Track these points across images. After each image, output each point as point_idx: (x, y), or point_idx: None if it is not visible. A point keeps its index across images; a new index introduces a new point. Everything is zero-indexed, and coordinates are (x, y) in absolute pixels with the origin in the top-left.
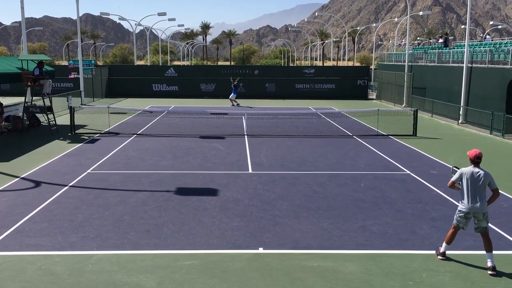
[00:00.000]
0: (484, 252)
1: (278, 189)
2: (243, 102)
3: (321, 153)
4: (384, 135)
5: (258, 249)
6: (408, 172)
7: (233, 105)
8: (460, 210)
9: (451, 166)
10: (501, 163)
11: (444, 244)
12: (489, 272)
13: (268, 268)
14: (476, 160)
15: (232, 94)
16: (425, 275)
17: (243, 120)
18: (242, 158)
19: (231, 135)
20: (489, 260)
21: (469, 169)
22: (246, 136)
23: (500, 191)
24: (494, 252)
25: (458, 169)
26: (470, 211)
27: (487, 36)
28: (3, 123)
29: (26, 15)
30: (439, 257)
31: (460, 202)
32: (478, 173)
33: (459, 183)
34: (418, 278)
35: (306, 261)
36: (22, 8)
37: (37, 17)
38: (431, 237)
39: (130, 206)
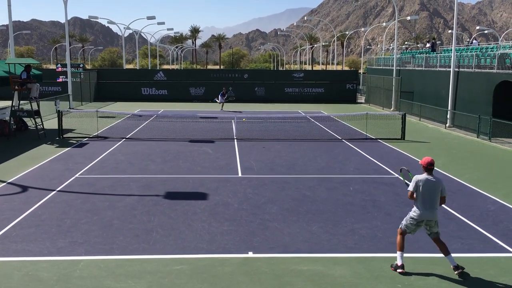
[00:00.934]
0: (471, 254)
1: (268, 193)
2: (232, 106)
3: (310, 157)
4: (372, 138)
5: (247, 253)
6: (397, 175)
7: (222, 109)
8: (412, 217)
9: (404, 169)
10: (488, 166)
11: (398, 254)
12: (456, 272)
13: (257, 272)
14: (429, 167)
15: (220, 98)
16: (413, 278)
17: (233, 124)
18: (231, 162)
19: (220, 139)
20: (450, 262)
21: (423, 176)
22: (235, 140)
23: (487, 194)
24: (481, 254)
25: (407, 170)
26: (423, 219)
27: (474, 41)
28: None
29: (14, 18)
30: (398, 270)
31: (413, 209)
32: (433, 181)
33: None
34: (406, 281)
35: (296, 265)
36: (10, 11)
37: (25, 21)
38: (419, 240)
39: (119, 210)
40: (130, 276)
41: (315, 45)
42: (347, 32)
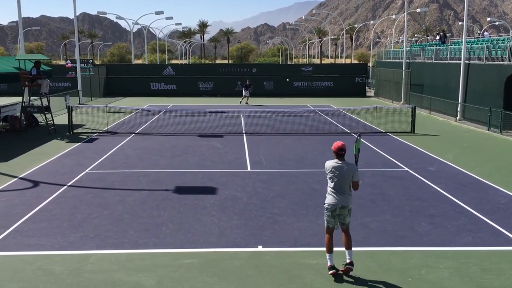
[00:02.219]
0: (482, 248)
1: (277, 187)
2: (252, 100)
3: (319, 150)
4: (382, 132)
5: (257, 247)
6: (406, 169)
7: (247, 103)
8: (326, 208)
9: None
10: (499, 159)
11: (328, 256)
12: (344, 267)
13: (267, 266)
14: (339, 153)
15: (244, 91)
16: (423, 272)
17: (242, 119)
18: (240, 156)
19: (229, 133)
20: (349, 256)
21: (332, 161)
22: (244, 134)
23: (498, 187)
24: (492, 248)
25: (359, 138)
26: (336, 206)
27: (485, 33)
28: (1, 123)
29: (23, 15)
30: (331, 271)
31: (326, 199)
32: (342, 166)
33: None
34: (416, 274)
35: (305, 259)
36: (19, 8)
37: (34, 17)
38: (429, 233)
39: (129, 205)
40: (140, 270)
41: (324, 39)
42: (356, 25)
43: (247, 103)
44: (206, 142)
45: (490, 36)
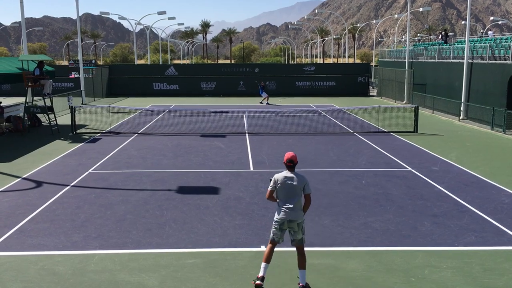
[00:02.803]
0: (485, 248)
1: None
2: (244, 100)
3: (322, 150)
4: (385, 132)
5: (260, 247)
6: (410, 168)
7: (268, 103)
8: (275, 221)
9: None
10: (502, 158)
11: (263, 265)
12: (262, 276)
13: (270, 266)
14: (288, 164)
15: (262, 93)
16: (427, 272)
17: (244, 118)
18: (243, 156)
19: (232, 133)
20: (300, 277)
21: (282, 174)
22: (247, 134)
23: (501, 186)
24: (496, 247)
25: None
26: (284, 220)
27: (489, 32)
28: (4, 123)
29: (26, 15)
30: (257, 282)
31: (276, 212)
32: (292, 178)
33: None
34: (420, 274)
35: (308, 259)
36: (22, 8)
37: (37, 17)
38: (432, 233)
39: (132, 205)
40: (143, 270)
41: (326, 38)
42: (358, 25)
43: (268, 103)
44: (209, 142)
45: (494, 35)
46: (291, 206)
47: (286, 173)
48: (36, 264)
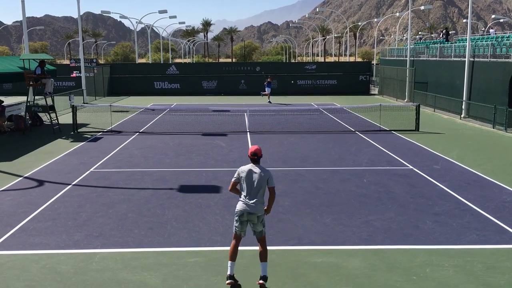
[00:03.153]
0: (487, 246)
1: (281, 185)
2: (246, 99)
3: (323, 149)
4: (386, 130)
5: None
6: (411, 167)
7: (269, 101)
8: (235, 212)
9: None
10: (504, 157)
11: (229, 263)
12: (258, 282)
13: (271, 265)
14: (252, 157)
15: (267, 89)
16: (428, 270)
17: (245, 117)
18: (244, 155)
19: (233, 132)
20: (262, 269)
21: (246, 167)
22: (248, 133)
23: (503, 185)
24: (497, 246)
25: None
26: (243, 212)
27: (491, 30)
28: (6, 122)
29: (27, 15)
30: (227, 281)
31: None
32: (255, 171)
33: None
34: (421, 273)
35: (310, 257)
36: (23, 7)
37: (38, 16)
38: (434, 232)
39: (133, 204)
40: (145, 269)
41: (328, 37)
42: (359, 23)
43: (269, 101)
44: (210, 140)
45: (496, 33)
46: (252, 199)
47: (251, 166)
48: (38, 263)
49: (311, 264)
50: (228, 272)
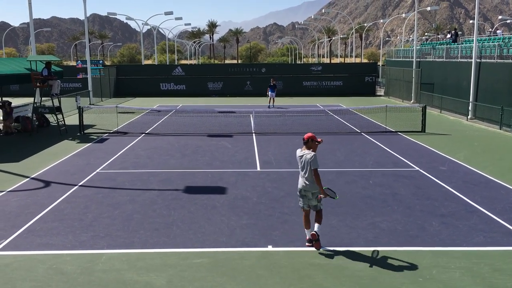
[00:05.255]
0: (494, 248)
1: (287, 186)
2: (251, 100)
3: (329, 150)
4: (392, 131)
5: (267, 247)
6: (417, 168)
7: (272, 105)
8: (298, 190)
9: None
10: (511, 158)
11: (306, 231)
12: (312, 232)
13: (277, 266)
14: (304, 142)
15: (270, 92)
16: (435, 272)
17: (251, 118)
18: (250, 156)
19: (239, 133)
20: (316, 227)
21: (299, 150)
22: (254, 134)
23: (510, 186)
24: (505, 248)
25: (329, 189)
26: (302, 189)
27: (498, 31)
28: (13, 123)
29: (34, 16)
30: (307, 244)
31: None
32: (304, 154)
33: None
34: (428, 275)
35: (315, 259)
36: (30, 9)
37: (45, 18)
38: (440, 233)
39: (139, 205)
40: (151, 269)
41: (333, 38)
42: (365, 24)
43: (273, 105)
44: (216, 142)
45: (502, 34)
46: (305, 178)
47: (303, 150)
48: (45, 263)
49: (316, 265)
50: (308, 237)
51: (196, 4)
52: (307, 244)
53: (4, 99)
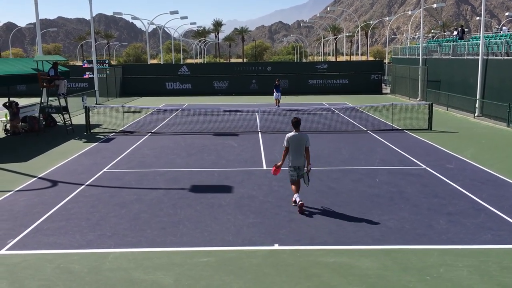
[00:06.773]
0: (502, 246)
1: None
2: (257, 99)
3: (335, 148)
4: (399, 129)
5: (273, 246)
6: (424, 166)
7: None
8: (289, 167)
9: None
10: None
11: (295, 195)
12: (295, 199)
13: (284, 265)
14: (294, 125)
15: (275, 93)
16: (442, 270)
17: (257, 117)
18: (256, 154)
19: (244, 132)
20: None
21: (292, 133)
22: (260, 132)
23: None
24: (508, 246)
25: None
26: (295, 165)
27: (504, 28)
28: (20, 123)
29: (40, 17)
30: (299, 204)
31: (288, 160)
32: (297, 135)
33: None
34: (435, 273)
35: (322, 257)
36: (37, 10)
37: (51, 18)
38: (448, 231)
39: (146, 204)
40: (158, 268)
41: (339, 36)
42: (371, 22)
43: (278, 106)
44: (222, 140)
45: (509, 31)
46: (299, 155)
47: (295, 132)
48: (52, 263)
49: (323, 264)
50: (298, 200)
51: (202, 3)
52: (293, 204)
53: (11, 99)
